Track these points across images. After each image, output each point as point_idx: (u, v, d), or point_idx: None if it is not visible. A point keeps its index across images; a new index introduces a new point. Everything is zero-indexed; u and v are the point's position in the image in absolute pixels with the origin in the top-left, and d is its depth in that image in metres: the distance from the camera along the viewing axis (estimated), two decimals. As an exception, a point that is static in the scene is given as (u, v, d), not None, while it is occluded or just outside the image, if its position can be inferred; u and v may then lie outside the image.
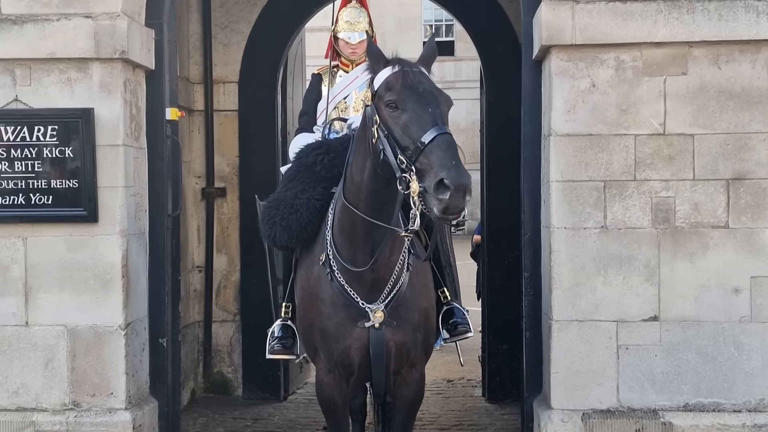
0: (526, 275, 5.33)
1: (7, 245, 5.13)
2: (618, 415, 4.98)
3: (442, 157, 3.29)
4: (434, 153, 3.31)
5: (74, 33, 5.04)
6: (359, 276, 3.95)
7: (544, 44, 4.98)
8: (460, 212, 3.28)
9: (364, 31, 5.00)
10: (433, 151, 3.32)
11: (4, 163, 5.09)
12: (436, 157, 3.30)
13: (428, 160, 3.32)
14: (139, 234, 5.37)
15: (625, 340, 4.98)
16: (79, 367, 5.14)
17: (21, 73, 5.10)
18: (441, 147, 3.32)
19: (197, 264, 7.55)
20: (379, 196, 3.74)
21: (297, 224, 4.25)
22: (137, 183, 5.33)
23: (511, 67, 6.42)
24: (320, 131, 4.80)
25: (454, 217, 3.31)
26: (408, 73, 3.56)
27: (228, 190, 7.58)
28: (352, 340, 4.01)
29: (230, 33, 7.57)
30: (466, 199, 3.25)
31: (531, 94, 5.31)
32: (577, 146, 4.98)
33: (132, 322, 5.24)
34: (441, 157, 3.29)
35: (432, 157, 3.31)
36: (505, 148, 6.79)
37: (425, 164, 3.32)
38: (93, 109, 5.07)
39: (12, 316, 5.14)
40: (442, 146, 3.33)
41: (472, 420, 6.87)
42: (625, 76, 4.97)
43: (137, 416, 5.19)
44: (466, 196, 3.25)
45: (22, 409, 5.14)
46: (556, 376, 5.01)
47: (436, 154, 3.31)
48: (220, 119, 7.56)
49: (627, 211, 4.98)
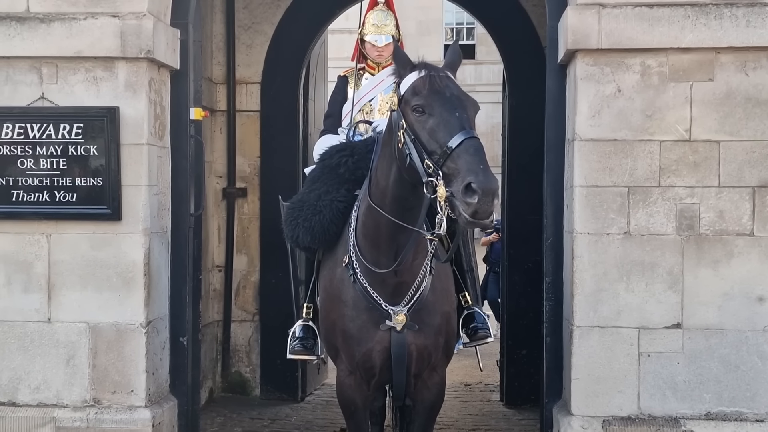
0: (548, 280, 5.31)
1: (31, 242, 5.17)
2: (638, 423, 4.94)
3: (470, 162, 3.29)
4: (462, 157, 3.31)
5: (101, 32, 5.07)
6: (382, 279, 3.95)
7: (570, 48, 4.96)
8: (488, 216, 3.27)
9: (390, 34, 5.00)
10: (460, 156, 3.31)
11: (29, 160, 5.12)
12: (464, 162, 3.29)
13: (456, 164, 3.31)
14: (162, 233, 5.39)
15: (646, 347, 4.95)
16: (100, 365, 5.16)
17: (47, 72, 5.13)
18: (469, 151, 3.32)
19: (217, 264, 7.57)
20: (404, 201, 3.74)
21: (320, 226, 4.25)
22: (160, 182, 5.35)
23: (534, 70, 6.41)
24: (345, 133, 4.80)
25: (482, 222, 3.30)
26: (435, 78, 3.55)
27: (249, 190, 7.60)
28: (374, 343, 4.00)
29: (253, 34, 7.59)
30: (494, 203, 3.25)
31: (555, 98, 5.29)
32: (602, 151, 4.95)
33: (153, 321, 5.26)
34: (469, 161, 3.29)
35: (459, 161, 3.31)
36: (527, 153, 6.78)
37: (452, 169, 3.32)
38: (118, 108, 5.10)
39: (35, 312, 5.17)
40: (469, 151, 3.32)
41: (489, 425, 6.84)
42: (650, 82, 4.94)
43: (157, 414, 5.21)
44: (495, 200, 3.25)
45: (44, 405, 5.17)
46: (576, 382, 4.98)
47: (464, 158, 3.30)
48: (242, 120, 7.59)
49: (651, 217, 4.95)
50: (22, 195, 5.13)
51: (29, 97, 5.14)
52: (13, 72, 5.14)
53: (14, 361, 5.18)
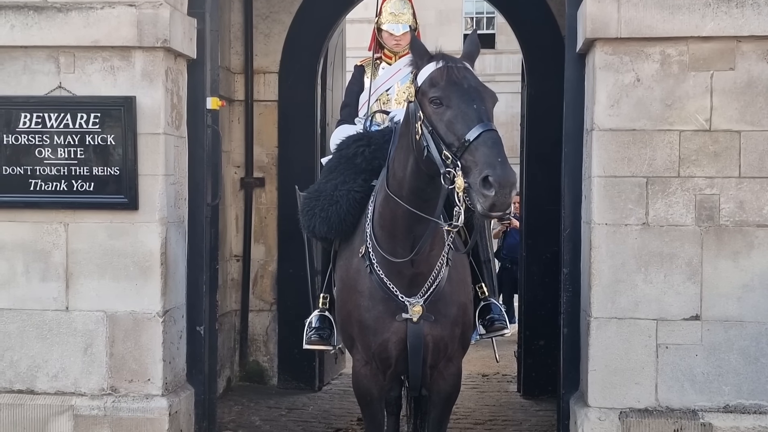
0: (566, 271, 5.27)
1: (49, 231, 5.19)
2: (656, 415, 4.91)
3: (487, 154, 3.26)
4: (480, 150, 3.28)
5: (118, 21, 5.07)
6: (399, 270, 3.94)
7: (589, 37, 4.91)
8: (506, 209, 3.26)
9: (408, 23, 4.97)
10: (478, 148, 3.29)
11: (47, 150, 5.14)
12: (482, 154, 3.27)
13: (473, 156, 3.29)
14: (179, 222, 5.40)
15: (665, 338, 4.91)
16: (118, 353, 5.19)
17: (65, 61, 5.14)
18: (487, 144, 3.29)
19: (235, 253, 7.59)
20: (421, 192, 3.72)
21: (336, 216, 4.24)
22: (177, 171, 5.36)
23: (554, 60, 6.34)
24: (362, 123, 4.78)
25: (499, 214, 3.28)
26: (452, 69, 3.52)
27: (266, 180, 7.61)
28: (390, 334, 3.99)
29: (271, 23, 7.58)
30: (512, 195, 3.24)
31: (574, 87, 5.24)
32: (620, 141, 4.90)
33: (170, 310, 5.27)
34: (487, 153, 3.26)
35: (477, 153, 3.28)
36: (546, 143, 6.73)
37: (470, 161, 3.30)
38: (135, 97, 5.10)
39: (53, 301, 5.20)
40: (488, 143, 3.29)
41: (506, 415, 6.83)
42: (670, 71, 4.88)
43: (173, 403, 5.23)
44: (512, 192, 3.23)
45: (62, 393, 5.20)
46: (593, 373, 4.95)
47: (482, 150, 3.28)
48: (259, 109, 7.59)
49: (670, 208, 4.90)
50: (40, 184, 5.15)
51: (47, 87, 5.16)
52: (31, 61, 5.16)
53: (33, 349, 5.21)
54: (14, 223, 5.20)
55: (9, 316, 5.22)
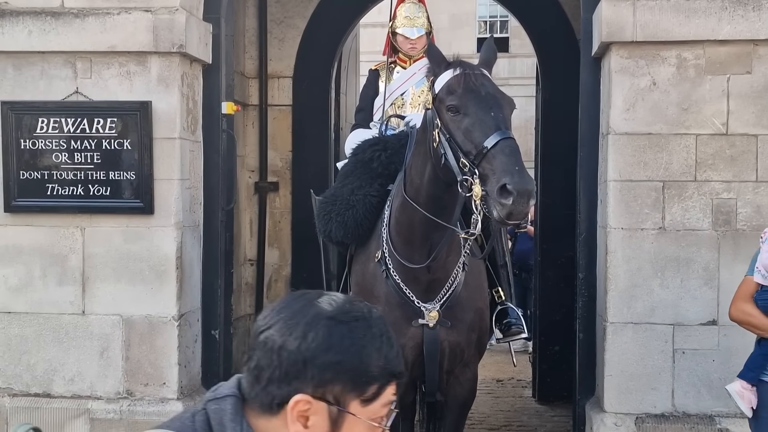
0: (581, 276, 5.25)
1: (66, 235, 5.22)
2: (673, 420, 4.88)
3: (505, 162, 3.25)
4: (497, 158, 3.28)
5: (134, 27, 5.09)
6: (415, 276, 3.93)
7: (604, 41, 4.89)
8: (523, 217, 3.25)
9: (422, 26, 4.97)
10: (496, 156, 3.28)
11: (64, 155, 5.17)
12: (499, 162, 3.26)
13: (491, 165, 3.28)
14: (194, 226, 5.41)
15: (681, 344, 4.88)
16: (133, 357, 5.20)
17: (82, 66, 5.17)
18: (504, 152, 3.28)
19: (249, 257, 7.60)
20: (438, 200, 3.71)
21: (353, 220, 4.24)
22: (192, 176, 5.38)
23: (568, 64, 6.34)
24: (377, 127, 4.78)
25: (516, 222, 3.26)
26: (470, 76, 3.51)
27: (280, 184, 7.62)
28: (406, 339, 3.98)
29: (285, 28, 7.60)
30: (529, 204, 3.22)
31: (589, 91, 5.22)
32: (636, 145, 4.89)
33: (185, 314, 5.29)
34: (504, 162, 3.25)
35: (495, 162, 3.27)
36: (560, 147, 6.70)
37: (488, 169, 3.29)
38: (151, 102, 5.12)
39: (69, 304, 5.22)
40: (505, 151, 3.28)
41: (521, 421, 6.81)
42: (686, 75, 4.86)
43: (189, 406, 5.22)
44: (530, 201, 3.21)
45: (78, 396, 5.22)
46: (609, 379, 4.93)
47: (499, 159, 3.27)
48: (274, 114, 7.60)
49: (686, 212, 4.87)
50: (57, 189, 5.18)
51: (64, 92, 5.19)
52: (48, 66, 5.19)
53: (49, 352, 5.24)
54: (32, 228, 5.23)
55: (26, 319, 5.25)
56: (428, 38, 5.01)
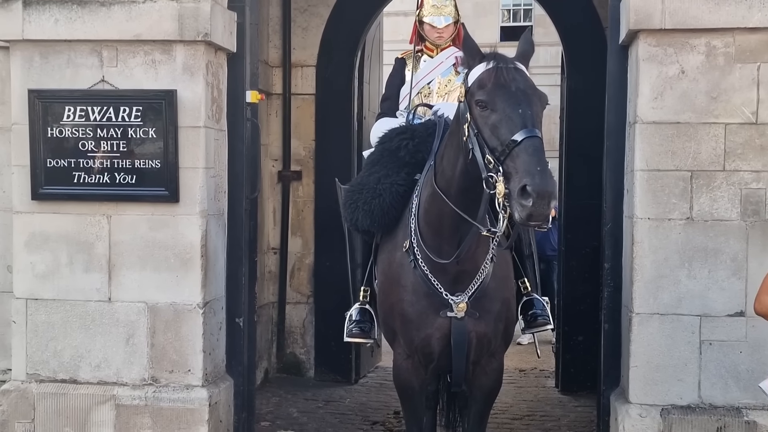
0: (607, 266, 5.21)
1: (93, 223, 5.25)
2: (699, 412, 4.84)
3: (527, 162, 3.22)
4: (520, 157, 3.25)
5: (159, 15, 5.10)
6: (443, 267, 3.92)
7: (632, 29, 4.84)
8: (544, 219, 3.21)
9: (450, 15, 4.94)
10: (519, 155, 3.25)
11: (90, 143, 5.20)
12: (522, 162, 3.23)
13: (514, 163, 3.26)
14: (218, 215, 5.43)
15: (708, 335, 4.84)
16: (158, 344, 5.23)
17: (108, 55, 5.18)
18: (527, 151, 3.25)
19: (272, 246, 7.63)
20: (470, 192, 3.67)
21: (380, 209, 4.23)
22: (217, 164, 5.39)
23: (594, 52, 6.29)
24: (403, 116, 4.77)
25: (537, 224, 3.23)
26: (502, 71, 3.47)
27: (304, 173, 7.64)
28: (433, 330, 3.98)
29: (309, 17, 7.59)
30: (550, 206, 3.19)
31: (616, 80, 5.17)
32: (664, 135, 4.83)
33: (210, 301, 5.31)
34: (526, 161, 3.23)
35: (518, 161, 3.25)
36: (586, 136, 6.66)
37: (511, 167, 3.27)
38: (176, 90, 5.13)
39: (96, 291, 5.26)
40: (528, 150, 3.25)
41: (544, 411, 6.79)
42: (716, 63, 4.80)
43: (213, 393, 5.27)
44: (551, 203, 3.18)
45: (104, 382, 5.26)
46: (635, 370, 4.90)
47: (522, 158, 3.24)
48: (297, 103, 7.61)
49: (714, 202, 4.82)
50: (83, 177, 5.20)
51: (90, 80, 5.21)
52: (75, 55, 5.21)
53: (76, 339, 5.28)
54: (58, 215, 5.26)
55: (53, 306, 5.29)
56: (456, 27, 4.98)
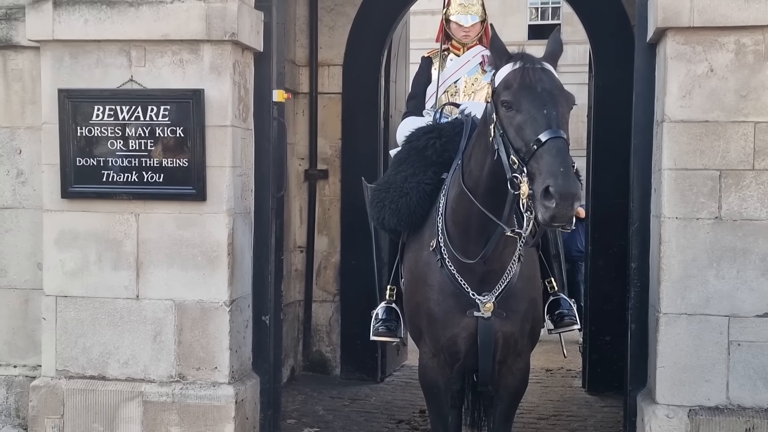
0: (634, 266, 5.18)
1: (121, 221, 5.31)
2: (727, 413, 4.80)
3: (550, 163, 3.22)
4: (544, 158, 3.24)
5: (187, 15, 5.14)
6: (470, 266, 3.92)
7: (660, 26, 4.80)
8: (568, 221, 3.20)
9: (477, 13, 4.93)
10: (543, 156, 3.25)
11: (119, 141, 5.25)
12: (545, 163, 3.23)
13: (538, 164, 3.26)
14: (245, 213, 5.46)
15: (737, 335, 4.79)
16: (186, 341, 5.27)
17: (136, 55, 5.24)
18: (551, 152, 3.24)
19: (299, 244, 7.66)
20: (497, 193, 3.66)
21: (406, 208, 4.23)
22: (244, 163, 5.42)
23: (622, 50, 6.24)
24: (430, 115, 4.76)
25: (561, 225, 3.22)
26: (528, 71, 3.46)
27: (330, 172, 7.65)
28: (459, 329, 3.98)
29: (336, 16, 7.61)
30: (574, 207, 3.18)
31: (644, 78, 5.13)
32: (692, 133, 4.79)
33: (236, 299, 5.34)
34: (550, 163, 3.22)
35: (541, 162, 3.25)
36: (613, 134, 6.62)
37: (535, 168, 3.27)
38: (203, 90, 5.17)
39: (124, 289, 5.31)
40: (552, 151, 3.25)
41: (571, 411, 6.75)
42: (745, 61, 4.75)
43: (240, 391, 5.30)
44: (574, 204, 3.17)
45: (132, 379, 5.32)
46: (662, 370, 4.86)
47: (546, 159, 3.24)
48: (324, 102, 7.63)
49: (744, 201, 4.77)
50: (112, 175, 5.26)
51: (119, 80, 5.26)
52: (104, 55, 5.26)
53: (104, 336, 5.34)
54: (88, 213, 5.33)
55: (82, 303, 5.36)
56: (482, 25, 4.96)
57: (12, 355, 5.72)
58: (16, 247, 5.68)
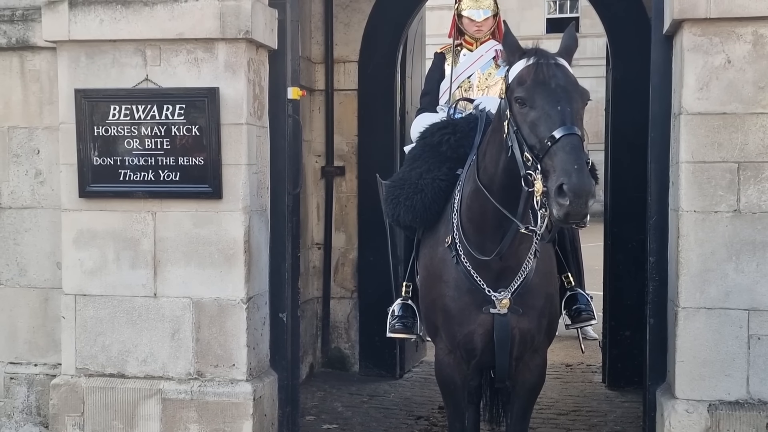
0: (652, 260, 5.14)
1: (138, 219, 5.33)
2: (747, 408, 4.75)
3: (564, 161, 3.19)
4: (557, 155, 3.22)
5: (201, 14, 5.15)
6: (486, 263, 3.90)
7: (676, 18, 4.75)
8: (582, 218, 3.18)
9: (489, 8, 4.91)
10: (556, 153, 3.23)
11: (135, 141, 5.28)
12: (559, 160, 3.21)
13: (552, 161, 3.24)
14: (261, 211, 5.47)
15: (757, 329, 4.74)
16: (203, 339, 5.30)
17: (151, 54, 5.26)
18: (565, 149, 3.22)
19: (316, 241, 7.67)
20: (512, 189, 3.64)
21: (421, 204, 4.23)
22: (259, 161, 5.43)
23: (640, 42, 6.19)
24: (444, 111, 4.75)
25: (575, 222, 3.20)
26: (542, 67, 3.43)
27: (347, 169, 7.66)
28: (476, 326, 3.97)
29: (351, 12, 7.60)
30: (588, 205, 3.16)
31: (660, 70, 5.09)
32: (710, 126, 4.74)
33: (253, 297, 5.36)
34: (564, 160, 3.20)
35: (555, 159, 3.23)
36: (631, 128, 6.57)
37: (549, 165, 3.25)
38: (218, 88, 5.17)
39: (142, 287, 5.34)
40: (566, 148, 3.22)
41: (591, 406, 6.72)
42: (763, 52, 4.69)
43: (258, 388, 5.32)
44: (588, 201, 3.15)
45: (150, 377, 5.35)
46: (681, 365, 4.82)
47: (560, 156, 3.21)
48: (339, 99, 7.63)
49: (763, 194, 4.72)
50: (129, 174, 5.29)
51: (134, 79, 5.29)
52: (119, 55, 5.29)
53: (123, 334, 5.37)
54: (105, 212, 5.36)
55: (101, 302, 5.39)
56: (495, 20, 4.94)
57: (32, 353, 5.78)
58: (36, 247, 5.74)
